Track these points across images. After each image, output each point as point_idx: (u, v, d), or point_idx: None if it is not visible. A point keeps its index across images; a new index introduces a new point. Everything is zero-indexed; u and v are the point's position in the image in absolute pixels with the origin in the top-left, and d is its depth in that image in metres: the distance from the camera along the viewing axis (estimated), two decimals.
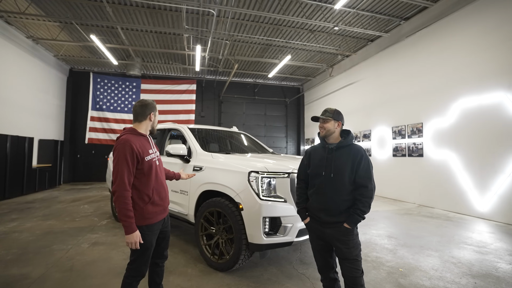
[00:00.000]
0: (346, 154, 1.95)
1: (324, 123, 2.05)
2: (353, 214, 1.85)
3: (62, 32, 8.50)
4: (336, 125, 2.04)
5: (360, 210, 1.84)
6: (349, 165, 1.91)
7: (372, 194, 1.86)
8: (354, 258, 1.87)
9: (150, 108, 2.01)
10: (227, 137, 4.83)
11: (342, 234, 1.89)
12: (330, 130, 2.04)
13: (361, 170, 1.88)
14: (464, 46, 6.08)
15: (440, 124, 6.57)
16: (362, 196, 1.86)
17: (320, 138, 2.13)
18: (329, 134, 2.05)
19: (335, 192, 1.93)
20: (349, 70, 10.47)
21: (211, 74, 13.17)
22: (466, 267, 3.18)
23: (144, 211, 1.86)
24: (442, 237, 4.29)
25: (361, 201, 1.85)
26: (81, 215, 5.60)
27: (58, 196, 7.99)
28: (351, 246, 1.88)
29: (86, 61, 11.16)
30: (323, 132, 2.06)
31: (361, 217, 1.85)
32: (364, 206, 1.84)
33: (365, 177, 1.87)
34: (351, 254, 1.87)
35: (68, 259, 3.24)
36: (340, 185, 1.91)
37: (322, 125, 2.07)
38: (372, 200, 1.86)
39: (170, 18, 7.75)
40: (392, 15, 7.48)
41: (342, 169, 1.92)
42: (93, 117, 11.25)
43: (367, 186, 1.86)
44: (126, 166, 1.77)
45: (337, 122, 2.04)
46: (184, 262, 3.21)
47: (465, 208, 5.89)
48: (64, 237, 4.09)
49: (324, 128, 2.05)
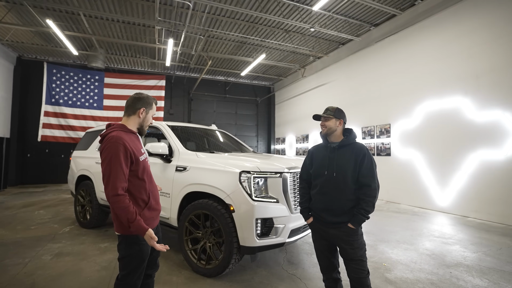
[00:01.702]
0: (349, 153, 1.93)
1: (326, 121, 2.02)
2: (357, 214, 1.84)
3: (9, 13, 7.44)
4: (338, 123, 2.01)
5: (364, 210, 1.82)
6: (352, 164, 1.89)
7: (375, 193, 1.85)
8: (359, 259, 1.86)
9: (142, 103, 1.79)
10: (207, 135, 4.62)
11: (346, 235, 1.87)
12: (331, 128, 2.01)
13: (364, 169, 1.87)
14: (428, 54, 6.59)
15: (406, 125, 7.05)
16: (366, 195, 1.84)
17: (322, 137, 2.09)
18: (330, 133, 2.02)
19: (338, 191, 1.90)
20: (320, 72, 10.78)
21: (181, 70, 12.65)
22: (440, 258, 3.40)
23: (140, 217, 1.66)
24: (413, 231, 4.58)
25: (364, 200, 1.84)
26: (36, 222, 4.95)
27: (4, 201, 7.01)
28: (355, 246, 1.86)
29: (39, 49, 9.95)
30: (324, 130, 2.03)
31: (365, 217, 1.83)
32: (368, 206, 1.83)
33: (368, 176, 1.86)
34: (356, 254, 1.86)
35: (27, 275, 2.80)
36: (343, 185, 1.89)
37: (323, 123, 2.04)
38: (376, 199, 1.85)
39: (141, 8, 7.23)
40: (363, 20, 7.84)
41: (345, 168, 1.90)
42: (47, 112, 10.10)
43: (371, 185, 1.84)
44: (120, 167, 1.55)
45: (339, 120, 2.01)
46: (167, 270, 2.97)
47: (428, 203, 6.39)
48: (19, 249, 3.55)
49: (326, 126, 2.02)
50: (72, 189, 5.09)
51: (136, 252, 1.64)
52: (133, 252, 1.64)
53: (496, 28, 5.31)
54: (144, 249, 1.66)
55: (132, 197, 1.65)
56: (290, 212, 2.77)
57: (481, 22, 5.56)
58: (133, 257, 1.64)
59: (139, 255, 1.63)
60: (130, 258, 1.65)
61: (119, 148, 1.57)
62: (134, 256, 1.64)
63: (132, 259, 1.64)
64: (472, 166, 5.56)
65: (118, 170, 1.55)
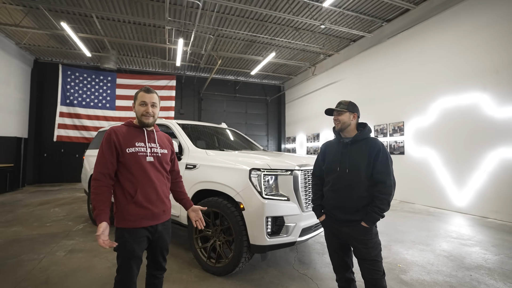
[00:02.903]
0: (363, 148, 1.85)
1: (339, 116, 1.94)
2: (371, 212, 1.75)
3: (26, 17, 7.68)
4: (352, 117, 1.93)
5: (378, 208, 1.74)
6: (366, 159, 1.81)
7: (390, 191, 1.76)
8: (374, 259, 1.78)
9: (133, 99, 1.85)
10: (217, 133, 4.61)
11: (360, 233, 1.80)
12: (345, 123, 1.93)
13: (378, 165, 1.78)
14: (443, 49, 6.36)
15: (420, 123, 6.83)
16: (380, 192, 1.75)
17: (335, 133, 2.02)
18: (344, 127, 1.94)
19: (351, 188, 1.83)
20: (331, 70, 10.62)
21: (191, 70, 12.74)
22: (458, 260, 3.26)
23: (125, 211, 1.67)
24: (429, 232, 4.42)
25: (379, 198, 1.75)
26: (52, 219, 5.07)
27: (22, 199, 7.23)
28: (369, 246, 1.78)
29: (55, 51, 10.23)
30: (338, 126, 1.95)
31: (379, 215, 1.74)
32: (382, 204, 1.74)
33: (383, 172, 1.77)
34: (369, 254, 1.78)
35: (42, 271, 2.85)
36: (356, 181, 1.81)
37: (336, 118, 1.96)
38: (391, 197, 1.76)
39: (151, 8, 7.31)
40: (375, 16, 7.66)
41: (358, 164, 1.82)
42: (62, 113, 10.37)
43: (385, 182, 1.75)
44: (102, 154, 1.68)
45: (353, 114, 1.93)
46: (177, 268, 2.97)
47: (444, 203, 6.17)
48: (34, 245, 3.64)
49: (339, 121, 1.94)
50: (86, 188, 5.18)
51: (120, 248, 1.65)
52: (118, 247, 1.64)
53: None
54: (128, 246, 1.64)
55: (121, 187, 1.70)
56: (301, 210, 2.71)
57: (499, 15, 5.32)
58: (118, 252, 1.67)
59: (122, 251, 1.65)
60: (118, 253, 1.68)
61: (104, 138, 1.71)
62: (118, 251, 1.67)
63: (118, 254, 1.67)
64: (491, 164, 5.32)
65: (100, 157, 1.68)
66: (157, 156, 1.80)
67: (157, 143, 1.84)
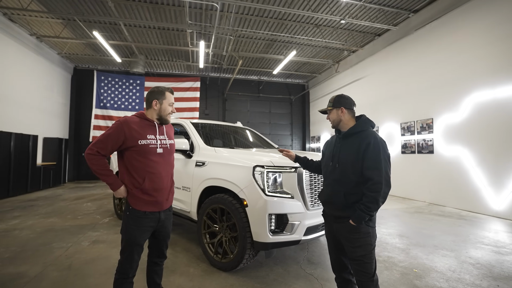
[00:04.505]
0: (354, 142, 1.75)
1: (329, 115, 1.92)
2: (357, 209, 1.65)
3: (65, 29, 8.45)
4: (339, 112, 1.86)
5: (365, 205, 1.63)
6: (354, 154, 1.71)
7: (379, 188, 1.61)
8: (360, 259, 1.68)
9: (154, 95, 1.94)
10: (231, 132, 4.68)
11: (347, 231, 1.72)
12: (335, 120, 1.88)
13: (367, 160, 1.66)
14: (476, 38, 5.83)
15: (451, 120, 6.32)
16: (368, 190, 1.64)
17: (333, 129, 1.97)
18: (336, 124, 1.89)
19: (338, 183, 1.77)
20: (355, 66, 10.23)
21: (215, 71, 13.05)
22: (486, 268, 2.98)
23: (132, 195, 1.82)
24: (456, 236, 4.08)
25: (366, 195, 1.64)
26: (83, 213, 5.51)
27: (61, 194, 7.95)
28: (356, 245, 1.69)
29: (90, 59, 11.11)
30: (331, 124, 1.93)
31: (365, 213, 1.62)
32: (370, 202, 1.62)
33: (371, 168, 1.64)
34: (355, 253, 1.69)
35: (67, 257, 3.13)
36: (344, 176, 1.74)
37: (328, 117, 1.94)
38: (379, 195, 1.62)
39: (173, 13, 7.63)
40: (400, 7, 7.24)
41: (346, 158, 1.75)
42: (97, 115, 11.22)
43: (373, 179, 1.62)
44: (106, 138, 1.78)
45: (339, 108, 1.86)
46: (187, 261, 3.08)
47: (479, 207, 5.65)
48: (65, 235, 3.99)
49: (330, 120, 1.92)
50: None
51: (123, 231, 1.81)
52: (122, 231, 1.82)
53: None
54: (132, 232, 1.78)
55: (130, 175, 1.82)
56: (306, 208, 2.67)
57: None
58: (122, 235, 1.82)
59: (126, 235, 1.79)
60: (122, 236, 1.82)
61: (116, 124, 1.82)
62: (123, 234, 1.81)
63: (122, 238, 1.81)
64: None
65: (104, 138, 1.78)
66: (166, 147, 1.94)
67: (165, 135, 1.98)
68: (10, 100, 7.86)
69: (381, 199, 1.62)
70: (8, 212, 5.45)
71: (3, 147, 7.06)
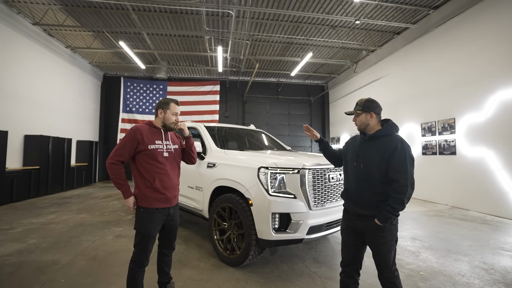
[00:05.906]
0: (379, 145, 1.85)
1: (357, 117, 2.01)
2: (383, 210, 1.75)
3: (95, 40, 9.17)
4: (369, 116, 1.94)
5: (391, 206, 1.72)
6: (379, 156, 1.81)
7: (405, 190, 1.71)
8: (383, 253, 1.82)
9: (160, 105, 2.21)
10: (244, 135, 4.87)
11: (372, 229, 1.82)
12: (363, 123, 1.97)
13: (394, 162, 1.75)
14: (500, 33, 5.53)
15: (474, 119, 6.04)
16: (394, 191, 1.73)
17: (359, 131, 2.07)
18: (363, 127, 1.98)
19: (363, 182, 1.87)
20: (374, 66, 10.02)
21: (234, 75, 13.36)
22: (499, 274, 2.89)
23: (143, 193, 2.04)
24: (474, 241, 3.94)
25: (392, 197, 1.73)
26: (110, 210, 5.98)
27: (92, 193, 8.61)
28: (380, 242, 1.80)
29: (117, 66, 11.90)
30: (357, 126, 2.02)
31: (391, 214, 1.72)
32: (395, 203, 1.71)
33: (397, 171, 1.74)
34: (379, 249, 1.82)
35: (94, 249, 3.49)
36: (369, 176, 1.84)
37: (355, 119, 2.03)
38: (405, 196, 1.71)
39: (192, 21, 8.01)
40: (419, 4, 7.02)
41: (371, 159, 1.84)
42: (123, 119, 11.96)
43: (399, 181, 1.72)
44: (123, 145, 2.02)
45: (369, 113, 1.94)
46: (198, 256, 3.30)
47: (505, 211, 5.35)
48: (93, 229, 4.40)
49: (357, 122, 2.01)
50: None
51: (138, 227, 2.03)
52: (137, 227, 2.04)
53: None
54: (146, 226, 2.01)
55: (142, 177, 2.06)
56: (309, 208, 2.78)
57: None
58: (137, 230, 2.04)
59: (141, 230, 2.01)
60: (136, 232, 2.04)
61: (130, 132, 2.06)
62: (138, 229, 2.03)
63: (137, 233, 2.03)
64: None
65: (121, 146, 2.03)
66: (171, 151, 2.20)
67: (170, 140, 2.23)
68: (49, 107, 8.68)
69: (406, 200, 1.73)
70: (46, 208, 6.05)
71: (43, 149, 7.82)
